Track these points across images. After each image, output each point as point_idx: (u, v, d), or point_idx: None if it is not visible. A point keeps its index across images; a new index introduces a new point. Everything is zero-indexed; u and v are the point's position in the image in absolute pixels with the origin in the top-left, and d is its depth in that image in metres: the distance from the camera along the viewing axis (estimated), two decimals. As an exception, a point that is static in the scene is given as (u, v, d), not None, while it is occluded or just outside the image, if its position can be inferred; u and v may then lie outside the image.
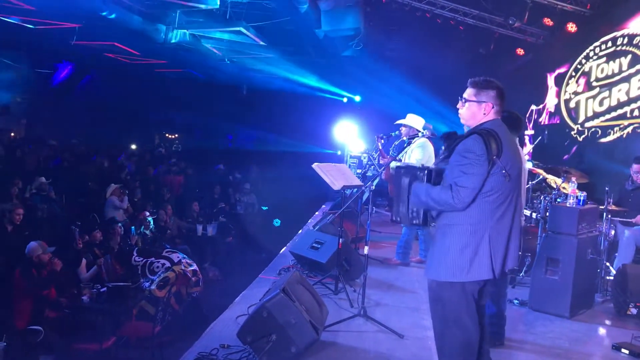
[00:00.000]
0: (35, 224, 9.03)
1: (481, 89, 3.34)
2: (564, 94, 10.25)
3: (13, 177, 10.69)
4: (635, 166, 6.88)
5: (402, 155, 6.85)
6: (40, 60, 19.56)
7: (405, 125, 6.97)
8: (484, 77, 3.39)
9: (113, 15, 10.77)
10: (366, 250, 5.01)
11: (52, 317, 6.36)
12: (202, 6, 11.04)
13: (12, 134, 20.31)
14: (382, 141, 7.08)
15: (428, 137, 6.65)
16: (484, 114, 3.32)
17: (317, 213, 11.05)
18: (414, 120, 6.90)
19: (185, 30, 12.96)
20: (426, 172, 3.41)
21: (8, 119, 20.83)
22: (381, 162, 7.20)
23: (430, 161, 6.54)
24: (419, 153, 6.71)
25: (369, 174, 8.55)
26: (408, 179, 3.46)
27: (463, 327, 3.27)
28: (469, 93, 3.38)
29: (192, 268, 8.03)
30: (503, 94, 3.36)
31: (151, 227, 9.98)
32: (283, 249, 7.82)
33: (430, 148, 6.88)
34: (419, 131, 6.77)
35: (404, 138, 7.05)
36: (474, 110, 3.34)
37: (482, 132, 3.20)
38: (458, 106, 3.44)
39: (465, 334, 3.28)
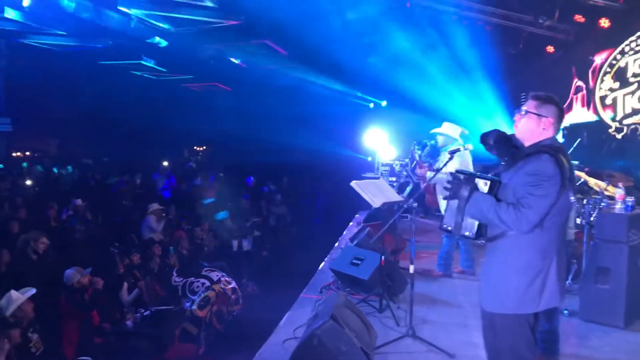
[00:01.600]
0: (73, 246, 9.14)
1: (543, 102, 3.23)
2: (599, 90, 10.01)
3: (50, 199, 10.88)
4: None
5: (439, 165, 6.71)
6: (68, 81, 19.94)
7: (441, 134, 6.85)
8: (546, 93, 3.29)
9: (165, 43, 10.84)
10: (412, 269, 4.92)
11: (98, 343, 6.40)
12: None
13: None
14: (419, 151, 6.95)
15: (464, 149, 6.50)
16: (543, 129, 3.20)
17: (351, 223, 10.96)
18: (451, 129, 6.78)
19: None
20: (489, 183, 3.21)
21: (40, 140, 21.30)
22: (418, 172, 7.08)
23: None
24: (457, 162, 6.56)
25: (408, 189, 8.42)
26: (469, 188, 3.23)
27: (519, 355, 3.15)
28: (529, 105, 3.26)
29: (231, 286, 8.03)
30: (563, 113, 3.28)
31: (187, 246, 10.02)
32: (322, 265, 7.76)
33: (468, 157, 6.74)
34: (456, 140, 6.65)
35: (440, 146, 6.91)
36: (534, 124, 3.21)
37: (551, 151, 3.06)
38: (515, 118, 3.32)
39: None
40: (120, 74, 18.49)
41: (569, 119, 10.86)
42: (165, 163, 19.44)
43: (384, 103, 17.52)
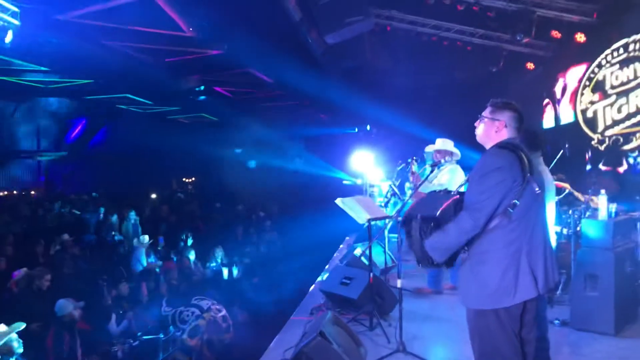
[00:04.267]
0: (62, 281, 9.03)
1: (498, 108, 3.37)
2: (580, 104, 10.14)
3: (37, 236, 10.79)
4: None
5: (432, 179, 6.65)
6: (55, 117, 20.00)
7: (438, 151, 6.79)
8: (504, 99, 3.42)
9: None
10: (400, 283, 4.91)
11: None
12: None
13: (33, 192, 20.60)
14: (416, 163, 6.88)
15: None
16: (496, 131, 3.33)
17: (341, 246, 10.93)
18: (445, 144, 6.77)
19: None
20: (433, 222, 3.22)
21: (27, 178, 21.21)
22: (411, 179, 7.02)
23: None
24: (446, 179, 6.55)
25: (392, 202, 8.43)
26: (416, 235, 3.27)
27: (504, 357, 3.16)
28: (486, 112, 3.42)
29: (221, 314, 7.97)
30: (521, 118, 3.37)
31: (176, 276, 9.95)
32: (312, 287, 7.71)
33: (460, 174, 6.70)
34: (453, 153, 6.65)
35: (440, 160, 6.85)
36: (487, 127, 3.37)
37: (506, 145, 3.20)
38: (476, 124, 3.47)
39: None
40: (107, 109, 18.58)
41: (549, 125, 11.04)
42: (154, 195, 19.37)
43: (368, 127, 17.63)
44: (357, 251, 7.34)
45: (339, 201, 5.64)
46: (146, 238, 10.83)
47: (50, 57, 11.32)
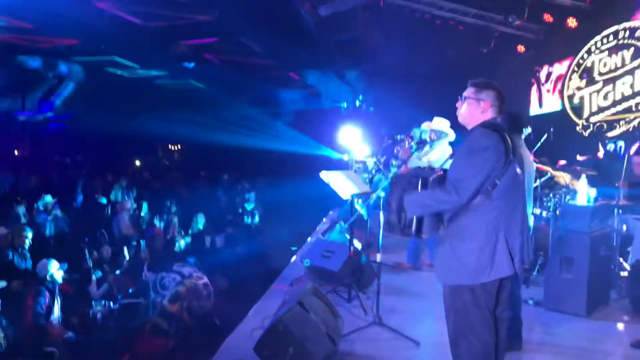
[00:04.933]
0: (43, 243, 9.03)
1: (481, 88, 3.38)
2: (567, 89, 10.21)
3: (19, 196, 10.72)
4: (636, 158, 6.78)
5: (422, 155, 6.66)
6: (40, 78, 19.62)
7: (434, 130, 6.78)
8: (483, 78, 3.44)
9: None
10: (379, 257, 4.98)
11: (66, 337, 6.32)
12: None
13: (16, 152, 20.37)
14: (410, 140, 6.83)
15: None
16: (482, 112, 3.35)
17: (324, 220, 11.01)
18: (441, 124, 6.75)
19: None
20: (421, 179, 3.33)
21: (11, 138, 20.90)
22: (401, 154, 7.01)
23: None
24: (436, 157, 6.54)
25: (376, 178, 8.48)
26: (401, 188, 3.39)
27: (478, 334, 3.24)
28: (468, 92, 3.42)
29: (203, 281, 7.99)
30: (502, 96, 3.39)
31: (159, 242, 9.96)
32: (293, 258, 7.79)
33: (446, 147, 6.71)
34: (447, 134, 6.64)
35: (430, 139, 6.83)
36: (472, 108, 3.37)
37: (491, 126, 3.23)
38: (457, 105, 3.47)
39: (481, 341, 3.24)
40: (93, 71, 18.27)
41: (536, 112, 11.10)
42: (138, 162, 19.24)
43: (358, 103, 17.58)
44: (340, 225, 7.42)
45: (323, 174, 5.66)
46: (129, 203, 10.81)
47: (36, 14, 11.09)
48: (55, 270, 6.55)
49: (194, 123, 20.88)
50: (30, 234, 7.93)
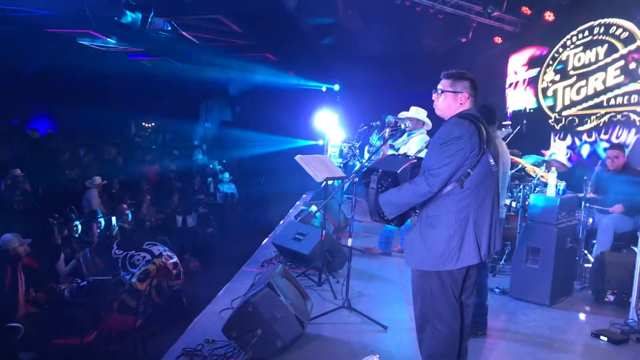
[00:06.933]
0: (10, 217, 8.85)
1: (456, 79, 3.39)
2: (542, 82, 10.34)
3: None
4: (609, 152, 6.89)
5: (401, 147, 6.67)
6: (12, 50, 19.09)
7: (410, 119, 6.74)
8: (456, 70, 3.45)
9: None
10: (350, 242, 5.01)
11: (31, 312, 6.25)
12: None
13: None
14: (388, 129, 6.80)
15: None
16: (460, 104, 3.37)
17: (297, 203, 11.02)
18: (419, 113, 6.74)
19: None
20: (391, 179, 3.33)
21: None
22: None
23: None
24: (414, 149, 6.54)
25: (351, 163, 8.52)
26: (373, 187, 3.38)
27: (443, 320, 3.30)
28: (444, 84, 3.42)
29: (172, 261, 7.98)
30: (476, 86, 3.42)
31: (129, 220, 9.87)
32: (265, 240, 7.80)
33: (426, 138, 6.71)
34: (425, 122, 6.63)
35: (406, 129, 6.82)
36: (450, 100, 3.38)
37: (467, 116, 3.25)
38: (433, 98, 3.47)
39: (446, 327, 3.30)
40: (67, 44, 17.83)
41: (513, 105, 11.22)
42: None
43: (336, 87, 17.51)
44: (313, 208, 7.43)
45: (298, 158, 5.66)
46: (98, 179, 10.62)
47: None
48: (18, 245, 6.42)
49: (168, 101, 20.63)
50: None
